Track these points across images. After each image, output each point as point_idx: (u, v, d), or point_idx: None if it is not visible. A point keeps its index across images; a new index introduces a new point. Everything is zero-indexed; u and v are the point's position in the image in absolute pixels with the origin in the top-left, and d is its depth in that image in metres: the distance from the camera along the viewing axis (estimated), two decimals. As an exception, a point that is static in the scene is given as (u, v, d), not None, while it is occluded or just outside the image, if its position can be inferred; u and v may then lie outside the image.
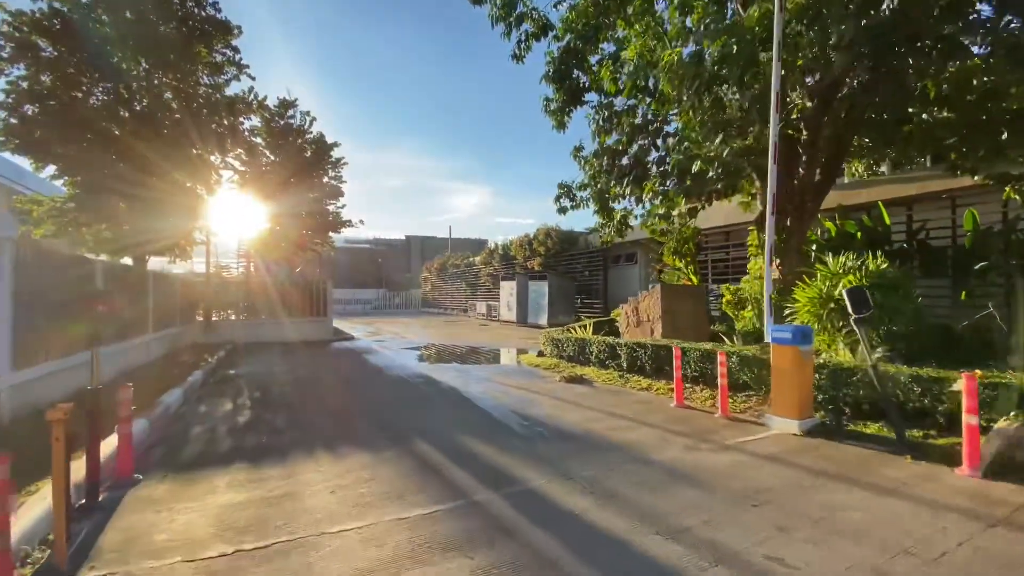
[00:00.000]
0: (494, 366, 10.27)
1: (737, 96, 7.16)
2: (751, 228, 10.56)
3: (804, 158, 8.28)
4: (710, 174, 7.67)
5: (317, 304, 16.16)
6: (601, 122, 9.93)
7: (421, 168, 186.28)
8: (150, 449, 4.53)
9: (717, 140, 7.61)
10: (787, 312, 6.87)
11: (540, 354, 11.00)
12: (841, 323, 6.01)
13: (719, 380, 5.58)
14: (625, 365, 8.05)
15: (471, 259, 33.37)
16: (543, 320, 20.09)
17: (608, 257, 19.90)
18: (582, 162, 12.50)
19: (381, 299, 48.24)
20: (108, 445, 3.78)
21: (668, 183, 9.20)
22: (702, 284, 12.27)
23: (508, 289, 23.33)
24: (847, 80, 7.16)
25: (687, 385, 6.75)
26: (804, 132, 8.00)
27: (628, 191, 9.52)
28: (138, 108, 11.72)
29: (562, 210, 13.02)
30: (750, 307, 9.94)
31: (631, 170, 9.60)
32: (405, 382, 8.21)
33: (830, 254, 7.06)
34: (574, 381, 7.90)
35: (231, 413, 6.14)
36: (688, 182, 8.33)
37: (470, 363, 10.76)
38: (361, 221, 17.99)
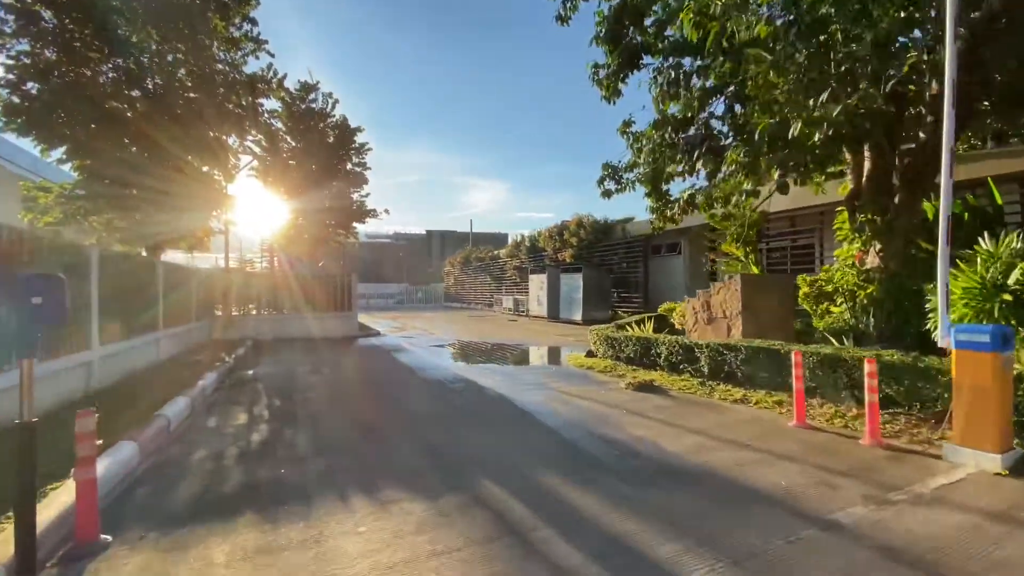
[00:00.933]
0: (540, 368, 9.07)
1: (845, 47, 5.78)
2: (840, 209, 9.09)
3: (929, 119, 6.80)
4: (816, 138, 6.26)
5: (342, 298, 15.20)
6: (665, 86, 8.57)
7: (439, 164, 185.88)
8: (134, 487, 3.45)
9: (823, 97, 6.21)
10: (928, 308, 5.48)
11: (590, 354, 9.75)
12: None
13: (867, 396, 4.26)
14: (706, 371, 6.74)
15: (496, 252, 32.20)
16: (577, 315, 18.81)
17: (648, 248, 18.47)
18: (630, 139, 11.18)
19: (403, 293, 47.53)
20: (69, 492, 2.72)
21: (746, 155, 7.80)
22: (785, 275, 10.79)
23: (538, 283, 22.09)
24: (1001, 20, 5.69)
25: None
26: (931, 84, 6.52)
27: (700, 165, 8.16)
28: (150, 86, 10.82)
29: (606, 193, 11.76)
30: (840, 300, 8.50)
31: (702, 141, 8.23)
32: (445, 387, 7.07)
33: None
34: (644, 389, 6.65)
35: (244, 429, 5.07)
36: (781, 152, 6.93)
37: (511, 363, 9.58)
38: (386, 211, 16.93)
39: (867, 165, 8.45)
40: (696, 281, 18.24)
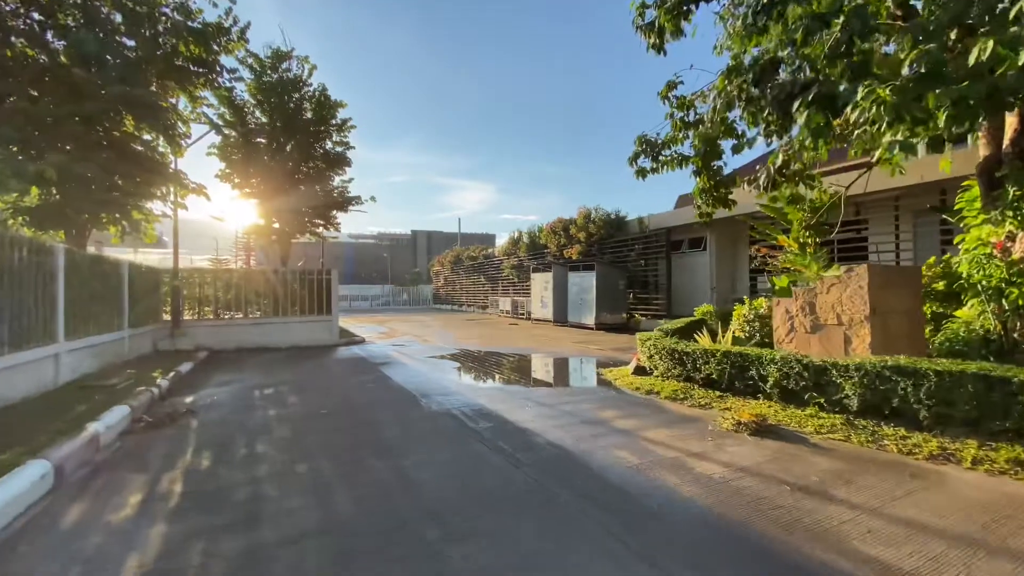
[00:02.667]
0: (585, 392, 6.86)
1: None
2: (967, 184, 7.11)
3: None
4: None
5: (319, 300, 12.79)
6: (750, 16, 6.47)
7: (424, 165, 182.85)
8: None
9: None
10: None
11: (640, 370, 7.60)
12: None
13: None
14: (855, 405, 4.62)
15: (490, 250, 29.95)
16: (588, 319, 16.68)
17: (670, 243, 16.44)
18: (673, 104, 9.20)
19: (388, 295, 45.00)
20: None
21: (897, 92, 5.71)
22: (912, 267, 8.69)
23: (541, 282, 19.93)
24: None
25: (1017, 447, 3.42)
26: None
27: (802, 118, 6.06)
28: (72, 25, 8.40)
29: (640, 172, 9.75)
30: (973, 302, 6.49)
31: (805, 87, 6.14)
32: (466, 431, 4.81)
33: None
34: (765, 433, 4.50)
35: (136, 534, 2.77)
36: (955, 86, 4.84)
37: (541, 385, 7.35)
38: (372, 198, 14.57)
39: (1014, 125, 6.48)
40: (723, 281, 16.28)
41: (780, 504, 3.09)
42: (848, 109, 5.49)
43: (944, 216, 8.48)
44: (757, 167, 9.22)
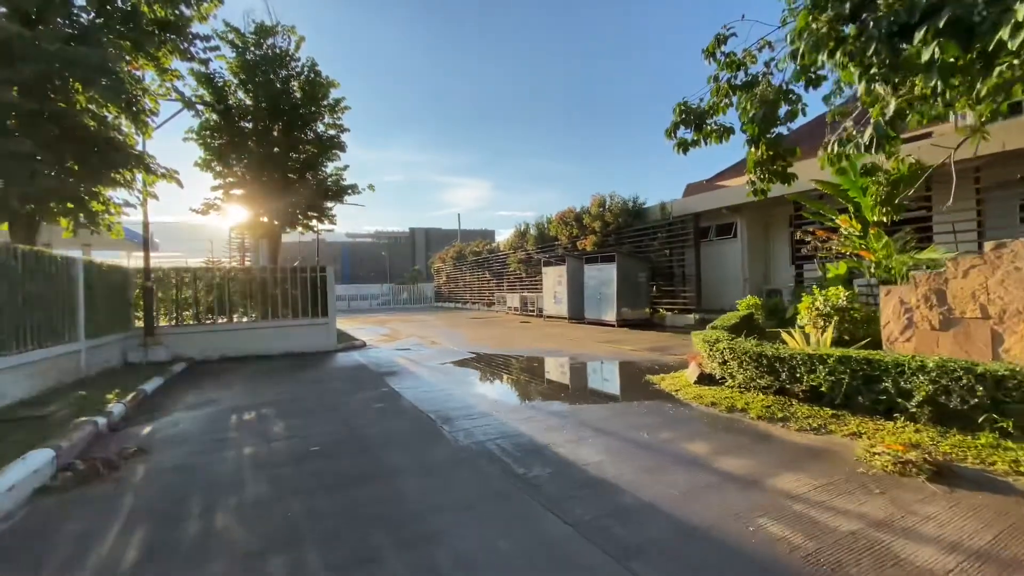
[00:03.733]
0: (644, 410, 5.48)
1: None
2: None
3: None
4: None
5: (314, 300, 11.39)
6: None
7: (420, 163, 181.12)
8: None
9: None
10: None
11: (707, 379, 6.24)
12: None
13: None
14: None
15: (494, 244, 28.57)
16: (608, 315, 15.32)
17: (698, 230, 15.05)
18: (721, 62, 7.93)
19: (388, 294, 43.61)
20: None
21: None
22: None
23: (554, 277, 18.55)
24: None
25: None
26: None
27: (928, 54, 4.65)
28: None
29: (682, 145, 8.44)
30: None
31: (924, 17, 4.74)
32: (517, 486, 3.44)
33: None
34: (949, 479, 3.15)
35: None
36: None
37: (587, 400, 5.96)
38: (371, 187, 13.06)
39: None
40: (756, 270, 14.92)
41: None
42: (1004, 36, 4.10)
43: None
44: (828, 137, 7.85)
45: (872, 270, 9.35)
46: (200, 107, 10.95)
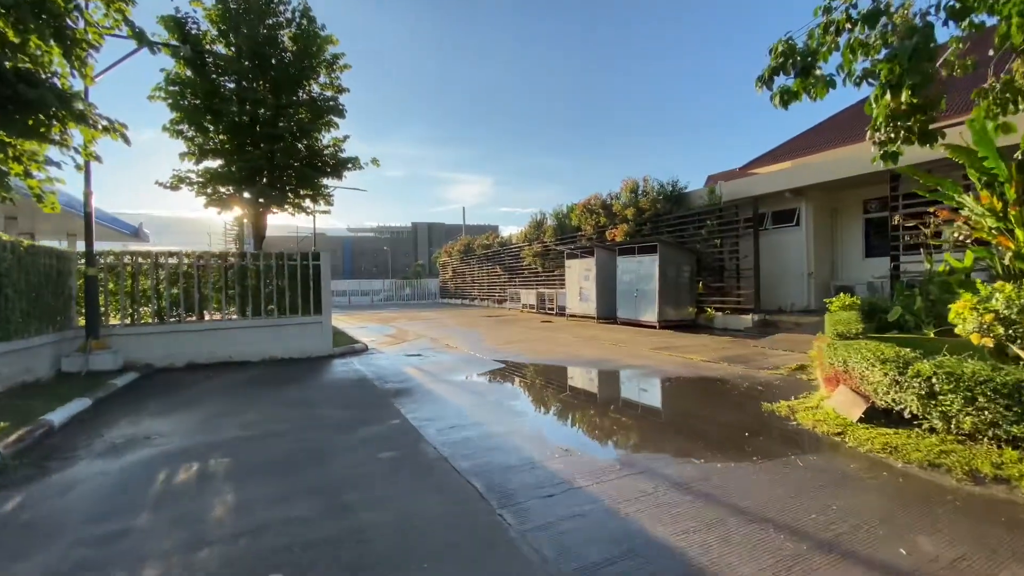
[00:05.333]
0: (825, 474, 3.39)
1: None
2: None
3: None
4: None
5: (305, 295, 9.34)
6: None
7: (422, 158, 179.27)
8: None
9: None
10: None
11: (879, 413, 4.17)
12: None
13: None
14: None
15: (506, 236, 26.48)
16: (648, 315, 13.23)
17: (758, 216, 12.90)
18: None
19: (390, 290, 41.69)
20: None
21: None
22: None
23: (579, 271, 16.47)
24: None
25: None
26: None
27: None
28: None
29: (783, 96, 6.45)
30: None
31: None
32: None
33: None
34: None
35: None
36: None
37: (716, 451, 3.84)
38: (375, 161, 10.96)
39: None
40: (822, 264, 12.83)
41: None
42: None
43: None
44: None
45: (1006, 261, 7.28)
46: (160, 47, 8.84)
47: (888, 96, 5.92)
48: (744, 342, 9.90)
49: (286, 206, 10.69)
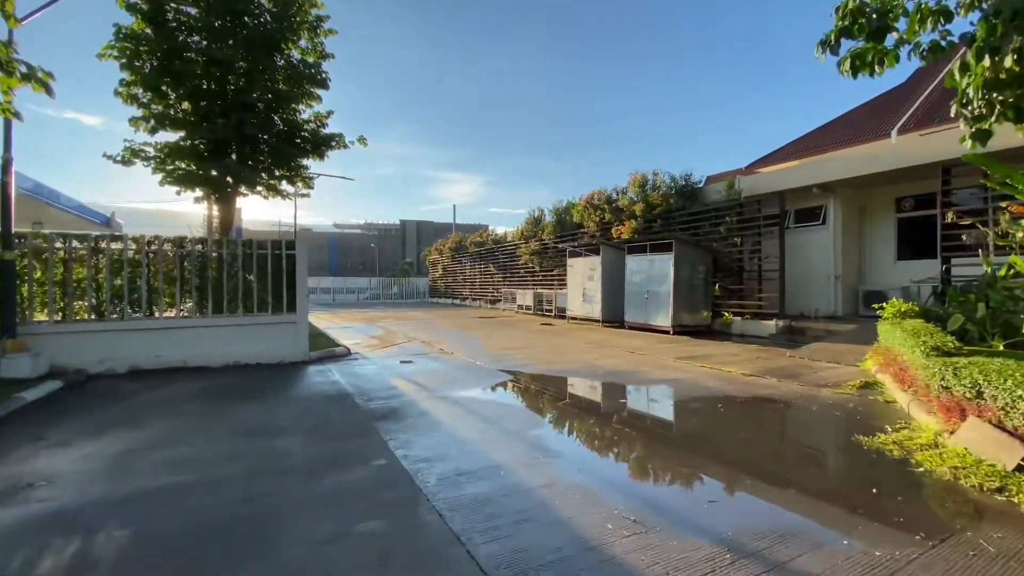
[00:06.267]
0: None
1: None
2: None
3: None
4: None
5: (277, 290, 8.00)
6: None
7: (412, 156, 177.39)
8: None
9: None
10: None
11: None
12: None
13: None
14: None
15: (501, 233, 25.25)
16: (660, 319, 12.11)
17: (784, 212, 11.84)
18: None
19: (377, 288, 40.23)
20: None
21: None
22: None
23: (583, 270, 15.30)
24: None
25: None
26: None
27: None
28: None
29: (853, 63, 5.43)
30: None
31: None
32: None
33: None
34: None
35: None
36: None
37: (838, 516, 2.64)
38: (362, 139, 9.62)
39: None
40: (849, 267, 11.84)
41: None
42: None
43: None
44: None
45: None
46: (141, 32, 7.46)
47: (986, 61, 4.80)
48: (776, 351, 8.81)
49: (259, 188, 9.31)
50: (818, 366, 7.41)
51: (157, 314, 7.40)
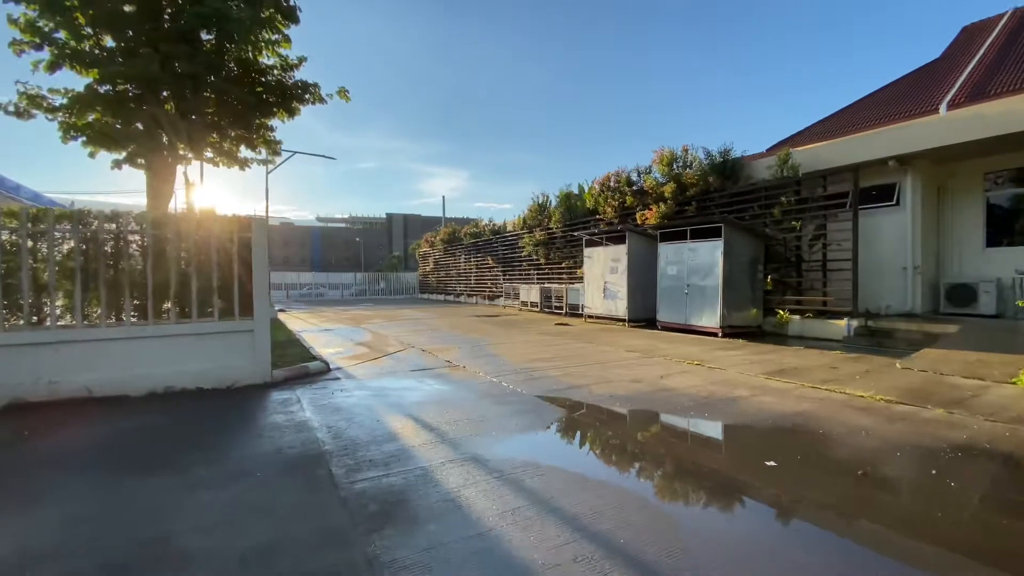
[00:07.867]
0: None
1: None
2: None
3: None
4: None
5: (226, 287, 5.80)
6: None
7: (396, 150, 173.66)
8: None
9: None
10: None
11: None
12: None
13: None
14: None
15: (500, 223, 23.13)
16: (707, 319, 10.16)
17: (858, 190, 9.93)
18: None
19: (362, 283, 37.87)
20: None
21: None
22: None
23: (604, 261, 13.28)
24: None
25: None
26: None
27: None
28: None
29: None
30: None
31: None
32: None
33: None
34: None
35: None
36: None
37: None
38: (344, 91, 7.36)
39: None
40: (927, 255, 9.99)
41: None
42: None
43: None
44: None
45: None
46: None
47: None
48: (873, 361, 6.93)
49: (207, 149, 7.05)
50: (961, 384, 5.51)
51: (49, 322, 5.16)
